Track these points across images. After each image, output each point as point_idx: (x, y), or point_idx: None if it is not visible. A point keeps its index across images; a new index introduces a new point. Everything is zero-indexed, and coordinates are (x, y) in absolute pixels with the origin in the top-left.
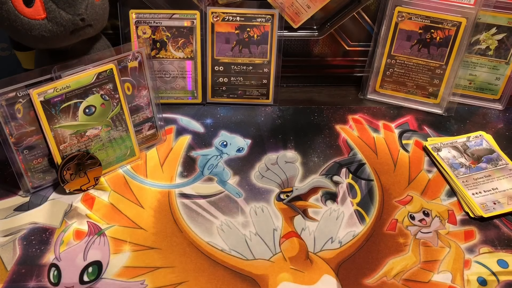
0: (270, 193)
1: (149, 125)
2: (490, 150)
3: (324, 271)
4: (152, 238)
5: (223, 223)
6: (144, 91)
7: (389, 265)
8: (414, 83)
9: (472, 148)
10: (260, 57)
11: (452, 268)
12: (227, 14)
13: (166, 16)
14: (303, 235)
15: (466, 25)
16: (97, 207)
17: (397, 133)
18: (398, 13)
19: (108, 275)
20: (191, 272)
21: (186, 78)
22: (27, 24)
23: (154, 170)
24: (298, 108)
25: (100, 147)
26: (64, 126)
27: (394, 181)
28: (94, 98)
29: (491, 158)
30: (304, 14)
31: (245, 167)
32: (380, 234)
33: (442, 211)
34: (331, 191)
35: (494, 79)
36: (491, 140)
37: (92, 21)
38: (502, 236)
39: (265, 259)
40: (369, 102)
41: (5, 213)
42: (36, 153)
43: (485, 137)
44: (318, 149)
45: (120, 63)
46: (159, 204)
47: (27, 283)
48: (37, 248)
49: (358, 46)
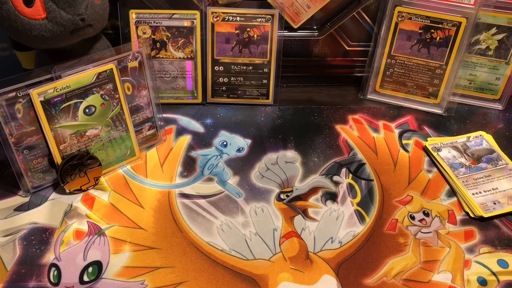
0: (270, 193)
1: (149, 125)
2: (490, 150)
3: (324, 271)
4: (152, 238)
5: (223, 223)
6: (144, 91)
7: (389, 265)
8: (414, 83)
9: (472, 148)
10: (260, 57)
11: (452, 268)
12: (227, 14)
13: (166, 16)
14: (303, 235)
15: (466, 25)
16: (97, 207)
17: (397, 133)
18: (398, 13)
19: (108, 275)
20: (191, 272)
21: (186, 78)
22: (27, 24)
23: (154, 170)
24: (298, 108)
25: (100, 147)
26: (64, 126)
27: (394, 181)
28: (94, 98)
29: (491, 158)
30: (304, 14)
31: (245, 167)
32: (380, 234)
33: (442, 211)
34: (331, 191)
35: (494, 79)
36: (491, 140)
37: (92, 21)
38: (502, 236)
39: (265, 259)
40: (369, 102)
41: (5, 213)
42: (36, 153)
43: (485, 137)
44: (318, 149)
45: (120, 63)
46: (159, 204)
47: (27, 283)
48: (37, 248)
49: (358, 46)
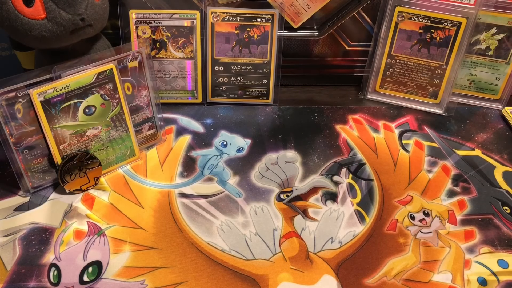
0: (270, 193)
1: (149, 125)
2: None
3: (324, 271)
4: (152, 238)
5: (223, 223)
6: (144, 91)
7: (389, 265)
8: (414, 83)
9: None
10: (260, 57)
11: (452, 268)
12: (227, 14)
13: (166, 16)
14: (303, 235)
15: (466, 25)
16: (97, 207)
17: (397, 133)
18: (398, 13)
19: (108, 275)
20: (191, 272)
21: (186, 78)
22: (27, 24)
23: (154, 170)
24: (298, 108)
25: (100, 147)
26: (64, 126)
27: (394, 181)
28: (94, 98)
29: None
30: (304, 14)
31: (245, 167)
32: (380, 234)
33: (442, 211)
34: (331, 191)
35: (494, 79)
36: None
37: (92, 21)
38: (502, 236)
39: (265, 259)
40: (369, 102)
41: (5, 213)
42: (36, 153)
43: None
44: (318, 149)
45: (120, 63)
46: (159, 204)
47: (27, 283)
48: (37, 248)
49: (358, 46)
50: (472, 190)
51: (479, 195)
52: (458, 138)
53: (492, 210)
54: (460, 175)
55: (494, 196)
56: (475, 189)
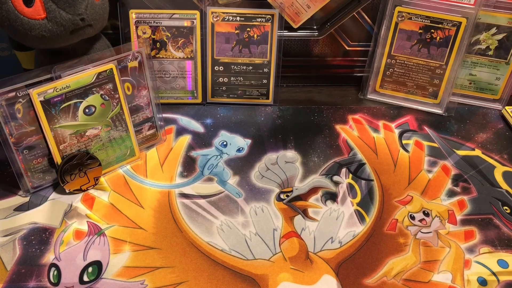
0: (270, 193)
1: (149, 125)
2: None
3: (324, 271)
4: (152, 238)
5: (223, 223)
6: (144, 91)
7: (389, 265)
8: (414, 83)
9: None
10: (260, 57)
11: (452, 268)
12: (227, 14)
13: (166, 16)
14: (303, 235)
15: (466, 25)
16: (97, 207)
17: (397, 133)
18: (398, 13)
19: (108, 275)
20: (191, 272)
21: (186, 78)
22: (27, 24)
23: (154, 170)
24: (298, 108)
25: (100, 147)
26: (64, 126)
27: (394, 181)
28: (94, 98)
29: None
30: (304, 14)
31: (245, 167)
32: (380, 234)
33: (442, 211)
34: (331, 191)
35: (494, 79)
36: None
37: (92, 21)
38: (502, 236)
39: (265, 259)
40: (369, 102)
41: (5, 213)
42: (36, 153)
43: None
44: (318, 149)
45: (120, 63)
46: (159, 204)
47: (27, 283)
48: (37, 248)
49: (358, 46)
50: (472, 190)
51: (479, 195)
52: (458, 138)
53: (492, 210)
54: (460, 175)
55: (494, 196)
56: (475, 189)
